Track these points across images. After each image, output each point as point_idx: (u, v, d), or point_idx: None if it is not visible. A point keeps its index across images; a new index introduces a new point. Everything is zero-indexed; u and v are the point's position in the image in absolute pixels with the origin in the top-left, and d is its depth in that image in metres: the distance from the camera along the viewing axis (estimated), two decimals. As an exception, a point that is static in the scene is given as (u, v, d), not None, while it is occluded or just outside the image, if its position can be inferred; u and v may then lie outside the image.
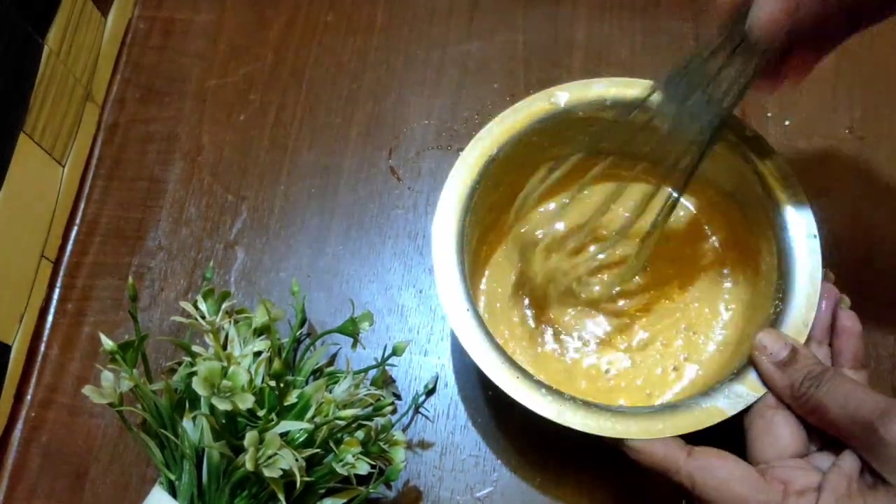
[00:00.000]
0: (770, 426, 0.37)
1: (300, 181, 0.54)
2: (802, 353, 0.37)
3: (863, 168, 0.51)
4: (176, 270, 0.51)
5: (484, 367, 0.39)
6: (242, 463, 0.35)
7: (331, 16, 0.59)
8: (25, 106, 0.48)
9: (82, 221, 0.53)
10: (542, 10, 0.58)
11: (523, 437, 0.46)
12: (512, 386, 0.38)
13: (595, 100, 0.44)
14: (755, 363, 0.38)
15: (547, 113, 0.44)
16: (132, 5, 0.60)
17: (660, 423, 0.37)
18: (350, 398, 0.39)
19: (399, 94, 0.56)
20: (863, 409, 0.33)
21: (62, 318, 0.51)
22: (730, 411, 0.37)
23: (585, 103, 0.44)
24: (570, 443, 0.45)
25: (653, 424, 0.37)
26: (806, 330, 0.38)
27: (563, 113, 0.44)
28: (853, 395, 0.34)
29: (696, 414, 0.37)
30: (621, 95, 0.44)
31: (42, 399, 0.49)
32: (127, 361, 0.39)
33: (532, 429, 0.46)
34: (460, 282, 0.41)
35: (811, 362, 0.36)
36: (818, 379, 0.35)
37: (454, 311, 0.40)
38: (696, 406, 0.37)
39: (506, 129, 0.44)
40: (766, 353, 0.37)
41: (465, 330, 0.40)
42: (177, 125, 0.56)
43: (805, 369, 0.36)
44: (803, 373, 0.36)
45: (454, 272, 0.41)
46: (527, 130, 0.44)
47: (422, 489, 0.45)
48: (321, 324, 0.49)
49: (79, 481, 0.46)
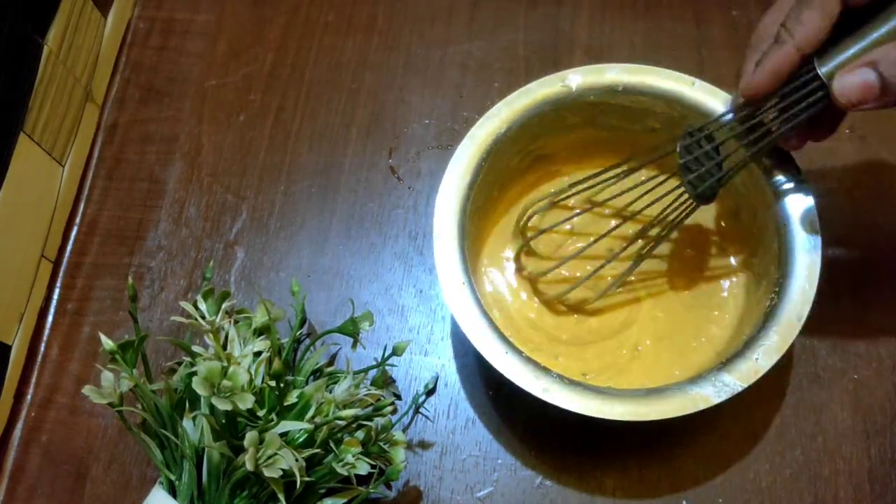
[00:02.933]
0: None
1: (300, 181, 0.53)
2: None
3: (864, 168, 0.51)
4: (176, 270, 0.51)
5: (473, 339, 0.39)
6: (242, 463, 0.35)
7: (331, 16, 0.59)
8: (25, 106, 0.48)
9: (82, 221, 0.53)
10: (542, 10, 0.58)
11: (524, 437, 0.46)
12: (501, 362, 0.38)
13: (608, 85, 0.44)
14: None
15: (558, 95, 0.44)
16: (132, 5, 0.60)
17: (646, 407, 0.37)
18: (350, 398, 0.39)
19: (399, 94, 0.56)
20: None
21: (62, 318, 0.51)
22: (714, 399, 0.37)
23: (598, 88, 0.44)
24: (571, 443, 0.45)
25: (639, 408, 0.37)
26: (799, 324, 0.38)
27: (575, 96, 0.44)
28: None
29: (682, 399, 0.37)
30: (634, 82, 0.44)
31: (42, 399, 0.49)
32: (127, 361, 0.39)
33: (532, 429, 0.46)
34: (458, 253, 0.41)
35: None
36: None
37: (449, 283, 0.40)
38: (683, 392, 0.37)
39: (515, 110, 0.44)
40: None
41: (458, 304, 0.40)
42: (176, 125, 0.56)
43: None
44: None
45: (454, 242, 0.41)
46: (536, 111, 0.44)
47: (422, 489, 0.45)
48: (321, 324, 0.49)
49: (79, 481, 0.46)
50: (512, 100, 0.44)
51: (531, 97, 0.44)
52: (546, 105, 0.44)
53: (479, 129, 0.44)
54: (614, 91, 0.44)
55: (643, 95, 0.44)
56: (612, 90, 0.44)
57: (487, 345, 0.39)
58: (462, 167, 0.43)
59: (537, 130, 0.45)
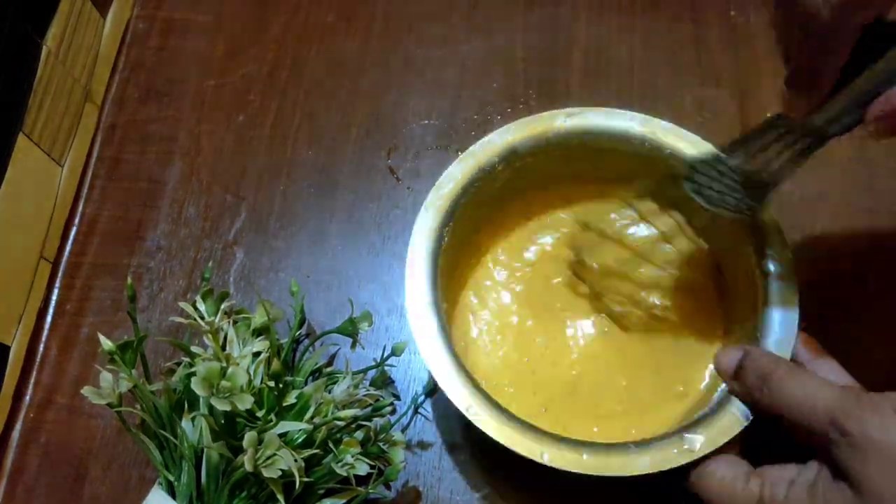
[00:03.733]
0: None
1: (299, 181, 0.53)
2: (751, 353, 0.35)
3: (861, 170, 0.51)
4: (175, 271, 0.51)
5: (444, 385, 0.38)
6: (241, 463, 0.35)
7: (330, 16, 0.59)
8: (24, 106, 0.48)
9: (81, 222, 0.53)
10: (541, 10, 0.58)
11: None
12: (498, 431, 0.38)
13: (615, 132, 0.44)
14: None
15: (552, 133, 0.44)
16: (131, 5, 0.60)
17: (645, 457, 0.36)
18: (349, 398, 0.39)
19: (399, 94, 0.56)
20: (818, 405, 0.31)
21: (61, 319, 0.51)
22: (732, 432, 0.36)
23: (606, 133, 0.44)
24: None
25: (633, 461, 0.36)
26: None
27: (568, 138, 0.44)
28: (807, 390, 0.32)
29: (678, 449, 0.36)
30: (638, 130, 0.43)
31: (41, 399, 0.49)
32: (126, 362, 0.39)
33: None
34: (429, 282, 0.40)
35: (762, 361, 0.35)
36: (768, 377, 0.34)
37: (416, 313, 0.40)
38: (671, 445, 0.36)
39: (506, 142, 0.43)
40: (722, 369, 0.36)
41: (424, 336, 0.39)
42: (176, 125, 0.56)
43: (755, 370, 0.34)
44: (753, 375, 0.34)
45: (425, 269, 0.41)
46: (532, 149, 0.44)
47: (421, 489, 0.45)
48: (320, 324, 0.49)
49: (78, 482, 0.46)
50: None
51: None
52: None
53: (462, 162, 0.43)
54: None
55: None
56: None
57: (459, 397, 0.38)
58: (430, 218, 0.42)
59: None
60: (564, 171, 0.46)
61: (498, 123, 0.46)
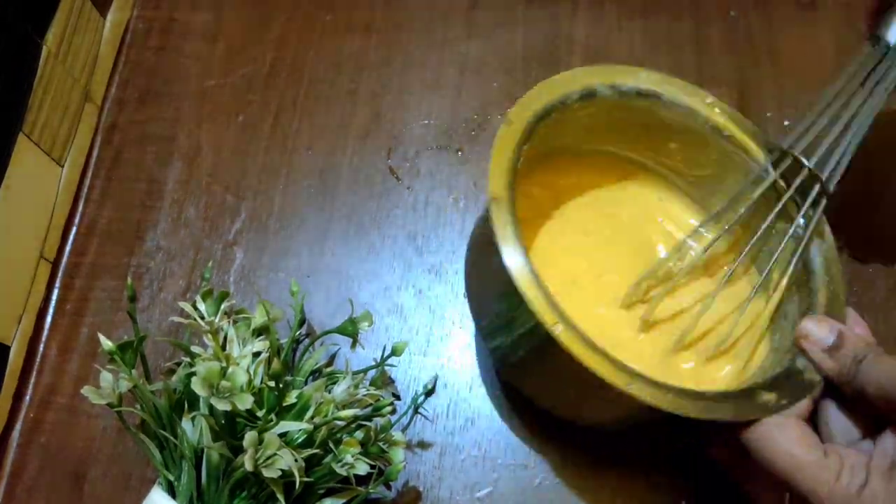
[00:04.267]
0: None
1: (299, 181, 0.53)
2: (848, 336, 0.37)
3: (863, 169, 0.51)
4: (175, 271, 0.51)
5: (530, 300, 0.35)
6: (241, 463, 0.35)
7: (330, 16, 0.59)
8: (24, 106, 0.48)
9: (81, 222, 0.53)
10: (541, 10, 0.58)
11: (523, 437, 0.46)
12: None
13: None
14: (803, 351, 0.37)
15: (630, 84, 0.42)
16: (131, 6, 0.60)
17: (726, 405, 0.35)
18: (349, 398, 0.39)
19: (399, 94, 0.56)
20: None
21: (61, 319, 0.51)
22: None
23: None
24: (570, 443, 0.45)
25: (712, 407, 0.35)
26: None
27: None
28: (891, 373, 0.34)
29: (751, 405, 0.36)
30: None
31: (41, 399, 0.49)
32: (126, 362, 0.39)
33: (532, 429, 0.46)
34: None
35: (858, 344, 0.36)
36: (862, 358, 0.35)
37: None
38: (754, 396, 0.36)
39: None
40: (812, 339, 0.37)
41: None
42: (175, 126, 0.56)
43: (852, 352, 0.36)
44: (850, 355, 0.36)
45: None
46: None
47: (421, 489, 0.45)
48: (320, 324, 0.49)
49: (78, 482, 0.46)
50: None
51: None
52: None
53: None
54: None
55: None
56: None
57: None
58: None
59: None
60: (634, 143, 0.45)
61: (498, 123, 0.46)
